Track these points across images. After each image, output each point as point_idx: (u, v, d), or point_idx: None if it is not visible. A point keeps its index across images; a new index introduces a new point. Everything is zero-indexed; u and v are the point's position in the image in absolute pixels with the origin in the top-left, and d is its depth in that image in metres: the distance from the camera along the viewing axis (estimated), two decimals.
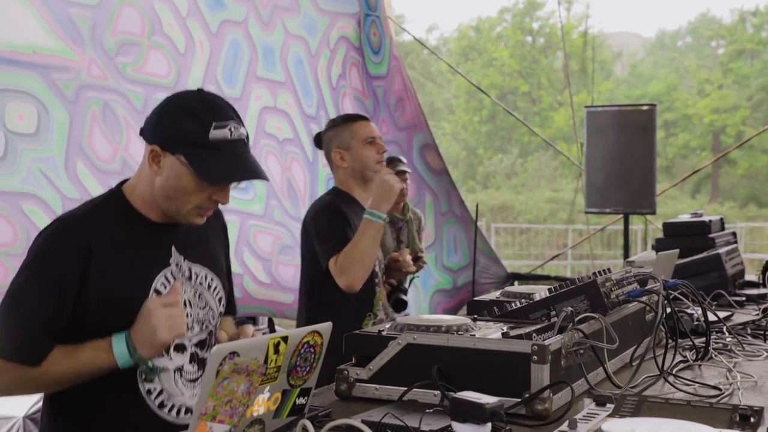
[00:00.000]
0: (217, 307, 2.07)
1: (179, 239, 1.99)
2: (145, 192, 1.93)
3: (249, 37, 5.02)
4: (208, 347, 2.03)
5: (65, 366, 1.82)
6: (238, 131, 1.88)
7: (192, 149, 1.85)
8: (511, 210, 21.88)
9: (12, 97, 3.75)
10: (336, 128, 3.15)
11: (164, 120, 1.89)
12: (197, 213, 1.93)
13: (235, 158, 1.87)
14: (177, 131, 1.86)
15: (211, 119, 1.85)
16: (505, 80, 25.93)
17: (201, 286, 2.02)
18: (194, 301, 2.00)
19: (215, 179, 1.88)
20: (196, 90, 1.94)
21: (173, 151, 1.86)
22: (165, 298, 1.86)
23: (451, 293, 6.48)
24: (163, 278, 1.93)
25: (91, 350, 1.82)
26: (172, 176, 1.88)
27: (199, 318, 2.00)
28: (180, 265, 1.98)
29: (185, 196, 1.89)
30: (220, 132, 1.85)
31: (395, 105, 6.16)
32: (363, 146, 3.09)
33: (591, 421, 1.55)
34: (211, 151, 1.84)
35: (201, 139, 1.84)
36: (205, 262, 2.05)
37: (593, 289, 2.11)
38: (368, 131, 3.13)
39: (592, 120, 6.56)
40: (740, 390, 1.94)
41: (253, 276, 5.05)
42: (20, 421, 3.85)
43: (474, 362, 1.76)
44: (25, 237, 3.67)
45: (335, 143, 3.13)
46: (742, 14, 24.98)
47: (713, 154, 21.08)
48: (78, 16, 4.04)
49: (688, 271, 3.26)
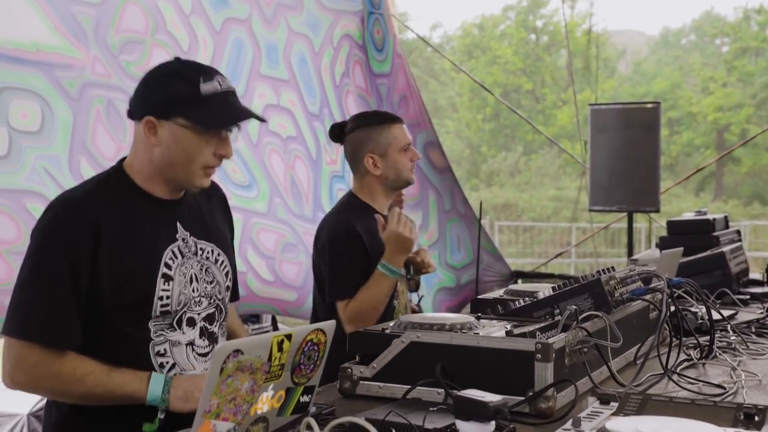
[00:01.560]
0: (224, 281, 2.09)
1: (184, 216, 2.01)
2: (143, 168, 1.95)
3: (252, 35, 5.02)
4: (217, 321, 2.05)
5: (99, 380, 1.83)
6: (226, 83, 1.92)
7: (187, 107, 1.87)
8: (514, 208, 21.86)
9: (16, 95, 3.75)
10: (370, 130, 2.86)
11: (152, 90, 1.92)
12: (204, 173, 1.95)
13: (231, 105, 1.91)
14: (168, 96, 1.88)
15: (198, 76, 1.89)
16: (508, 78, 25.90)
17: (208, 261, 2.04)
18: (201, 275, 2.01)
19: (218, 124, 1.90)
20: (174, 58, 1.98)
21: (168, 116, 1.88)
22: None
23: (455, 291, 6.48)
24: (171, 253, 1.95)
25: (128, 374, 1.84)
26: (172, 142, 1.90)
27: (206, 292, 2.02)
28: (186, 240, 1.99)
29: (190, 157, 1.91)
30: (209, 85, 1.88)
31: (399, 103, 6.16)
32: (400, 153, 2.85)
33: (595, 419, 1.55)
34: (206, 103, 1.87)
35: (194, 96, 1.87)
36: (210, 238, 2.06)
37: (597, 288, 2.11)
38: (406, 137, 2.88)
39: (595, 118, 6.55)
40: (744, 388, 1.94)
41: (256, 274, 5.05)
42: (24, 418, 3.86)
43: (478, 360, 1.76)
44: (29, 235, 3.67)
45: (368, 147, 2.85)
46: (747, 12, 24.93)
47: (717, 152, 21.04)
48: (82, 14, 4.04)
49: (692, 269, 3.26)
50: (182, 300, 1.95)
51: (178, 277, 1.94)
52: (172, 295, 1.92)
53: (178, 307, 1.94)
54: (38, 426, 3.89)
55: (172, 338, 1.94)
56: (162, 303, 1.91)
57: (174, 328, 1.93)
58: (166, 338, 1.93)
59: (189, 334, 1.97)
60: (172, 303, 1.92)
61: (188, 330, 1.97)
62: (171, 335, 1.93)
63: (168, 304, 1.92)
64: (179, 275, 1.95)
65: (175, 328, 1.93)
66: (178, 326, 1.94)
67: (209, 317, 2.02)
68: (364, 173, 2.89)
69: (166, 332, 1.92)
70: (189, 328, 1.97)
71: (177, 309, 1.94)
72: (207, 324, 2.02)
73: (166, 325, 1.92)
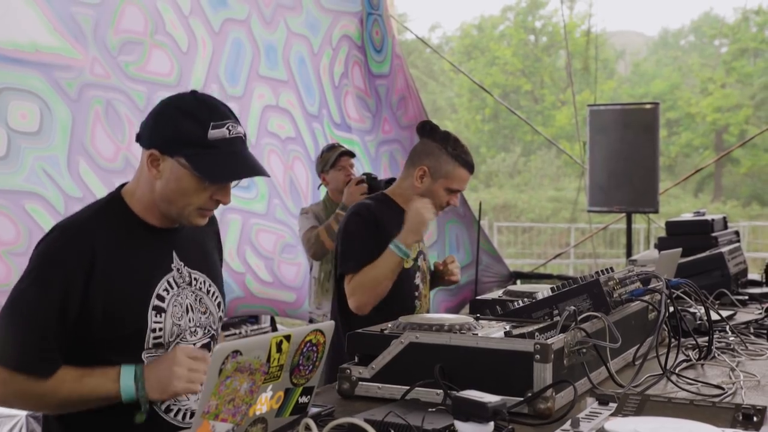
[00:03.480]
0: (217, 311, 2.07)
1: (179, 245, 2.00)
2: (144, 197, 1.93)
3: (251, 35, 5.02)
4: (211, 351, 2.03)
5: (71, 388, 1.81)
6: (236, 129, 1.88)
7: (191, 150, 1.84)
8: (513, 209, 21.86)
9: (15, 95, 3.75)
10: (443, 152, 2.85)
11: (161, 123, 1.89)
12: (199, 214, 1.93)
13: (235, 156, 1.88)
14: (175, 133, 1.86)
15: (209, 119, 1.85)
16: (507, 79, 25.90)
17: (200, 292, 2.02)
18: (195, 306, 2.00)
19: (217, 178, 1.88)
20: (191, 92, 1.94)
21: (172, 153, 1.86)
22: (194, 351, 1.86)
23: (454, 292, 6.48)
24: (166, 283, 1.93)
25: (98, 377, 1.83)
26: (172, 179, 1.87)
27: (201, 323, 2.01)
28: (181, 270, 1.98)
29: (186, 198, 1.89)
30: (218, 131, 1.85)
31: (398, 104, 6.16)
32: (445, 190, 2.86)
33: (593, 420, 1.55)
34: (211, 151, 1.84)
35: (200, 140, 1.84)
36: (203, 269, 2.05)
37: (596, 288, 2.11)
38: (463, 185, 2.90)
39: (594, 119, 6.55)
40: (743, 389, 1.94)
41: (255, 275, 5.05)
42: (23, 419, 3.86)
43: (476, 361, 1.76)
44: (28, 235, 3.68)
45: (429, 161, 2.86)
46: (745, 13, 24.93)
47: (716, 153, 21.05)
48: (81, 14, 4.04)
49: (690, 269, 3.26)
50: (175, 331, 1.93)
51: (171, 308, 1.92)
52: (164, 327, 1.90)
53: (171, 338, 1.92)
54: (37, 426, 3.88)
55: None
56: (155, 335, 1.89)
57: (166, 400, 1.90)
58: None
59: None
60: (165, 335, 1.91)
61: None
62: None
63: (161, 336, 1.90)
64: (174, 306, 1.93)
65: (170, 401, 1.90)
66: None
67: (205, 347, 2.01)
68: (408, 177, 2.91)
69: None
70: None
71: (170, 340, 1.92)
72: None
73: (159, 356, 1.90)
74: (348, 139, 5.55)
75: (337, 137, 5.49)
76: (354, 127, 5.76)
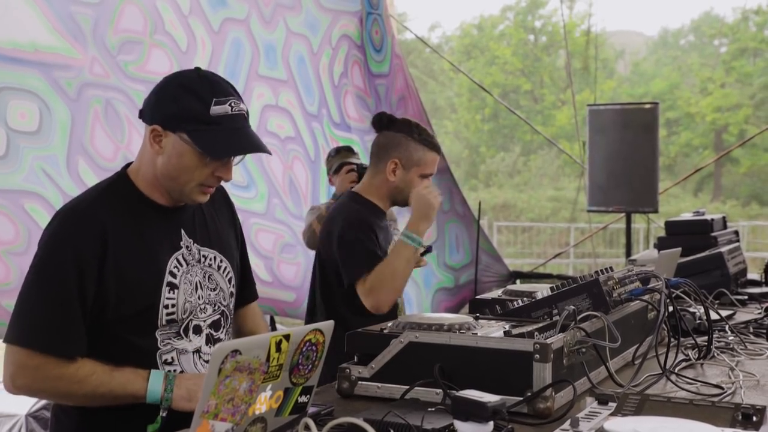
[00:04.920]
0: (228, 287, 2.08)
1: (187, 222, 2.01)
2: (148, 174, 1.94)
3: (251, 35, 5.02)
4: (223, 328, 2.05)
5: (101, 380, 1.82)
6: (239, 106, 1.89)
7: (193, 126, 1.85)
8: (513, 208, 21.87)
9: (14, 95, 3.75)
10: (410, 141, 2.85)
11: (164, 99, 1.90)
12: (200, 191, 1.93)
13: (237, 132, 1.89)
14: (178, 109, 1.87)
15: (211, 95, 1.86)
16: (507, 78, 25.90)
17: (210, 268, 2.03)
18: (205, 282, 2.01)
19: (219, 154, 1.88)
20: (194, 69, 1.94)
21: (174, 129, 1.87)
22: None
23: (453, 292, 6.48)
24: (176, 261, 1.94)
25: (129, 373, 1.84)
26: (174, 155, 1.88)
27: (210, 299, 2.02)
28: (190, 247, 1.99)
29: (188, 174, 1.89)
30: (220, 108, 1.86)
31: (397, 103, 6.16)
32: (419, 178, 2.86)
33: (593, 419, 1.55)
34: (213, 127, 1.85)
35: (202, 116, 1.85)
36: (213, 245, 2.06)
37: (595, 288, 2.11)
38: (434, 169, 2.91)
39: (594, 118, 6.56)
40: (742, 389, 1.94)
41: (254, 274, 5.05)
42: (23, 419, 3.86)
43: (476, 361, 1.76)
44: (27, 235, 3.68)
45: (397, 153, 2.85)
46: (745, 13, 24.93)
47: (715, 153, 21.05)
48: (80, 14, 4.04)
49: (690, 269, 3.26)
50: (188, 308, 1.94)
51: (183, 285, 1.94)
52: (177, 303, 1.92)
53: (184, 315, 1.94)
54: (36, 426, 3.89)
55: (179, 346, 1.93)
56: (168, 312, 1.91)
57: (181, 336, 1.93)
58: (173, 346, 1.93)
59: (195, 341, 1.97)
60: (178, 311, 1.92)
61: (195, 338, 1.97)
62: (178, 343, 1.93)
63: (174, 313, 1.91)
64: (185, 283, 1.94)
65: (182, 336, 1.93)
66: (184, 334, 1.94)
67: (215, 324, 2.02)
68: (379, 173, 2.89)
69: (173, 341, 1.92)
70: (195, 336, 1.97)
71: (183, 317, 1.94)
72: (213, 331, 2.02)
73: (172, 333, 1.92)
74: (348, 138, 5.55)
75: (337, 137, 5.49)
76: (353, 126, 5.76)
